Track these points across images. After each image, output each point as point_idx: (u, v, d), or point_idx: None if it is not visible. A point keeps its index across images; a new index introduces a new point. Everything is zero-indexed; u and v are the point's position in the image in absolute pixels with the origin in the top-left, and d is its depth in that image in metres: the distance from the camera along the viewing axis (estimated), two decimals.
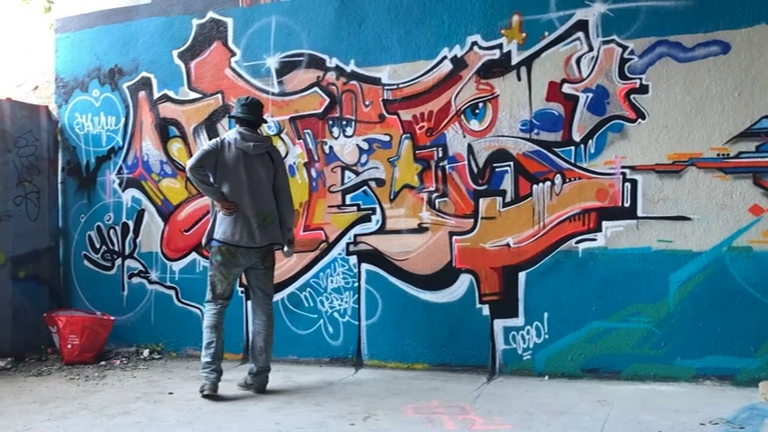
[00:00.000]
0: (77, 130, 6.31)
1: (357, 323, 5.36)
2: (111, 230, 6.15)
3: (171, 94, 5.93)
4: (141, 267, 6.01)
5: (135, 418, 4.03)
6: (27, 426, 3.93)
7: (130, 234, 6.06)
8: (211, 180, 4.53)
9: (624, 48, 4.68)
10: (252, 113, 4.61)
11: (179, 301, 5.87)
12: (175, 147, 5.92)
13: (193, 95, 5.84)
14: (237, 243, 4.46)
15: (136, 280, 6.04)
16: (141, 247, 6.03)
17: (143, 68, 6.03)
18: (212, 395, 4.40)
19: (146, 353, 5.83)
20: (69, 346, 5.61)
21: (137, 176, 6.03)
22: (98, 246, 6.21)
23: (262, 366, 4.59)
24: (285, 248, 4.72)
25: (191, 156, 5.80)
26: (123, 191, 6.09)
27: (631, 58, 4.67)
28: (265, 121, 4.95)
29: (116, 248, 6.12)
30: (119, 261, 6.11)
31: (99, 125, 6.22)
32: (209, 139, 5.77)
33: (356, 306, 5.37)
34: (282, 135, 5.58)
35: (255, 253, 4.55)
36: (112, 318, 5.87)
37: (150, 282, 5.98)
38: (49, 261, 6.28)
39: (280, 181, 4.65)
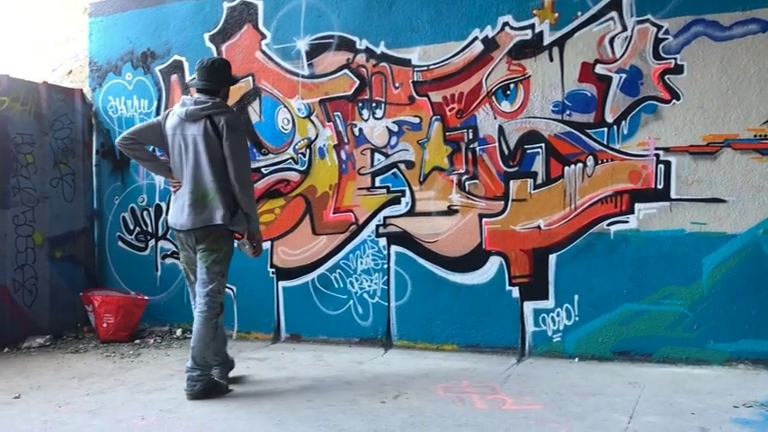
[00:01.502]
0: (111, 113, 6.41)
1: (386, 304, 5.39)
2: (145, 212, 6.25)
3: None
4: (174, 248, 6.09)
5: (170, 395, 4.12)
6: (67, 400, 4.05)
7: (163, 215, 6.15)
8: (153, 155, 4.29)
9: (659, 27, 4.60)
10: (203, 78, 4.08)
11: None
12: None
13: None
14: (173, 225, 4.10)
15: (169, 260, 6.13)
16: None
17: (175, 52, 6.09)
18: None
19: (179, 332, 5.94)
20: (105, 325, 5.75)
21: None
22: (132, 227, 6.32)
23: (189, 365, 4.01)
24: (241, 241, 4.07)
25: None
26: None
27: (666, 38, 4.59)
28: (234, 81, 4.33)
29: (149, 229, 6.23)
30: (152, 242, 6.22)
31: (132, 108, 6.30)
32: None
33: (385, 287, 5.40)
34: (312, 117, 5.61)
35: (194, 235, 4.03)
36: (146, 297, 5.98)
37: None
38: (84, 242, 6.41)
39: (226, 150, 3.96)
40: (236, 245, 4.13)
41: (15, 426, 3.58)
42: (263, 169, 5.77)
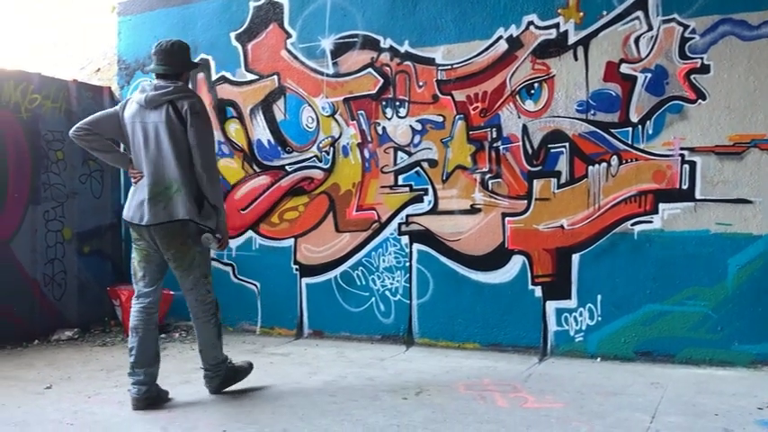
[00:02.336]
0: None
1: (408, 302, 5.42)
2: None
3: (228, 75, 6.06)
4: None
5: (195, 387, 4.19)
6: (96, 391, 4.15)
7: None
8: (110, 145, 3.94)
9: (685, 27, 4.58)
10: (163, 62, 3.79)
11: (236, 277, 6.04)
12: (233, 127, 6.05)
13: (250, 77, 5.96)
14: (131, 220, 3.76)
15: None
16: None
17: (202, 50, 6.16)
18: (140, 409, 3.75)
19: None
20: None
21: None
22: None
23: (202, 366, 4.04)
24: (205, 236, 3.72)
25: (248, 137, 6.00)
26: None
27: (692, 37, 4.57)
28: (194, 66, 4.06)
29: None
30: None
31: None
32: (267, 121, 5.91)
33: (407, 285, 5.43)
34: (336, 116, 5.66)
35: (154, 232, 3.70)
36: (172, 292, 6.04)
37: None
38: (111, 237, 6.53)
39: (191, 137, 3.67)
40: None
41: (47, 415, 3.68)
42: (287, 167, 5.84)
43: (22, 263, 5.70)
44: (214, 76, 6.11)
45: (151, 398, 3.81)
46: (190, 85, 4.10)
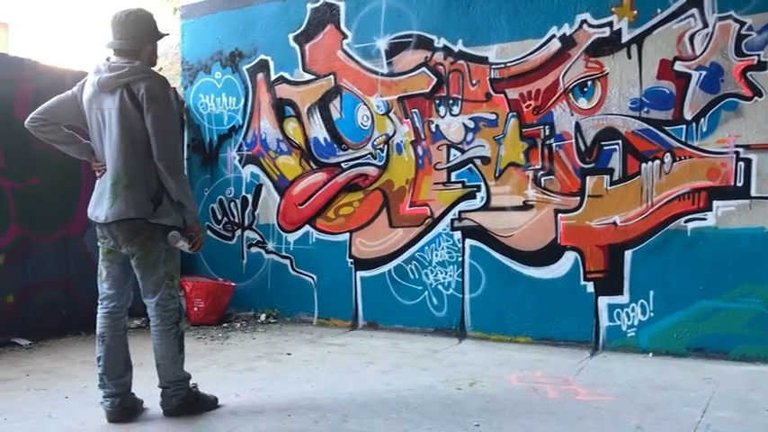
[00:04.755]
0: (201, 110, 6.80)
1: (461, 296, 5.56)
2: (232, 203, 6.61)
3: (287, 75, 6.28)
4: (259, 238, 6.46)
5: (259, 375, 4.42)
6: None
7: (249, 207, 6.51)
8: (71, 136, 3.50)
9: (742, 23, 4.57)
10: (119, 36, 3.35)
11: (293, 269, 6.27)
12: (291, 126, 6.27)
13: (308, 77, 6.16)
14: (90, 216, 3.44)
15: (254, 249, 6.48)
16: (259, 219, 6.46)
17: (261, 51, 6.40)
18: (117, 421, 3.45)
19: (263, 317, 6.28)
20: (195, 309, 6.14)
21: (255, 153, 6.45)
22: (220, 217, 6.70)
23: (159, 384, 3.60)
24: (171, 234, 3.34)
25: (305, 135, 6.21)
26: (243, 167, 6.53)
27: (749, 34, 4.56)
28: (159, 36, 3.47)
29: (236, 220, 6.59)
30: (239, 232, 6.58)
31: (221, 105, 6.67)
32: (323, 119, 6.11)
33: (460, 279, 5.56)
34: (391, 114, 5.81)
35: (115, 230, 3.35)
36: (233, 284, 6.35)
37: (267, 251, 6.41)
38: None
39: (148, 126, 3.26)
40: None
41: None
42: (343, 164, 6.03)
43: (94, 255, 6.01)
44: (273, 76, 6.34)
45: (127, 409, 3.51)
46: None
